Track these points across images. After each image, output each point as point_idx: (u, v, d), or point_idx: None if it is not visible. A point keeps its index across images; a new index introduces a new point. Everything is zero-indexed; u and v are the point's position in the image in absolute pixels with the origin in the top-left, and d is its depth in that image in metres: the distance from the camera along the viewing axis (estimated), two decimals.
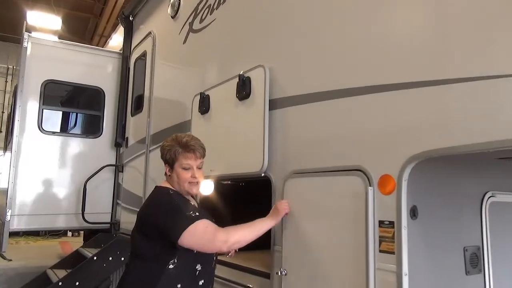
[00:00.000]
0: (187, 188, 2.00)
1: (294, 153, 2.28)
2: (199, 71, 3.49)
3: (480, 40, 1.46)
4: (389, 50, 1.80)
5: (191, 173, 1.98)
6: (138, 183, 4.45)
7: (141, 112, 4.63)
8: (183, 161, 1.98)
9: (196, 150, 2.00)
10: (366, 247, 1.73)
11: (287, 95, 2.35)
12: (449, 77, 1.53)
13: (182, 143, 2.00)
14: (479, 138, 1.44)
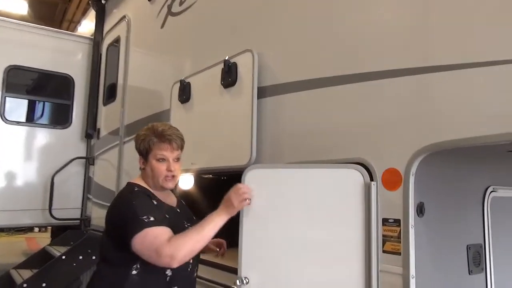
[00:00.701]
0: (161, 182, 1.77)
1: (286, 145, 2.11)
2: (178, 57, 3.26)
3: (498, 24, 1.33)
4: (393, 32, 1.65)
5: (166, 166, 1.76)
6: (110, 177, 4.18)
7: (114, 102, 4.34)
8: (158, 152, 1.75)
9: (173, 140, 1.78)
10: (368, 247, 1.58)
11: (279, 82, 2.17)
12: (465, 61, 1.39)
13: (157, 132, 1.78)
14: (491, 130, 1.32)
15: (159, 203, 1.76)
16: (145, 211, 1.64)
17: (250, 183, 1.85)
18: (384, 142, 1.62)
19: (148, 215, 1.61)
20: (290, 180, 1.83)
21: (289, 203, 1.79)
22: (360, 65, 1.75)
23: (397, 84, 1.60)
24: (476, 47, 1.39)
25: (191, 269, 1.80)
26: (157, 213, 1.66)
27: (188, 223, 1.79)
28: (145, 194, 1.75)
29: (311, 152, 1.94)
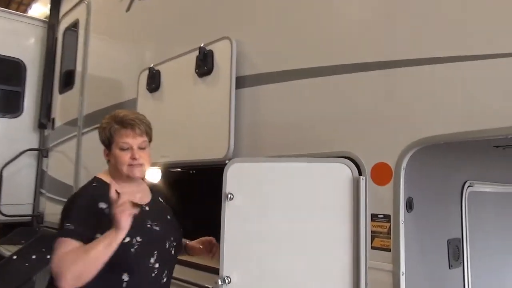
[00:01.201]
0: (126, 171, 1.59)
1: (266, 138, 2.02)
2: (146, 43, 3.06)
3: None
4: (383, 23, 1.61)
5: (130, 154, 1.59)
6: (67, 170, 3.90)
7: (71, 90, 4.06)
8: (120, 140, 1.59)
9: (136, 125, 1.61)
10: (357, 244, 1.53)
11: (259, 72, 2.08)
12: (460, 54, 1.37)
13: (118, 118, 1.62)
14: (481, 125, 1.31)
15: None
16: (75, 217, 1.48)
17: (232, 176, 1.75)
18: (373, 135, 1.58)
19: (73, 222, 1.46)
20: (275, 175, 1.75)
21: (274, 199, 1.71)
22: (347, 55, 1.69)
23: (386, 76, 1.55)
24: (470, 40, 1.37)
25: (158, 274, 1.57)
26: (89, 221, 1.47)
27: (154, 223, 1.60)
28: (99, 193, 1.53)
29: (294, 145, 1.87)
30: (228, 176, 1.75)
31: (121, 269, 1.49)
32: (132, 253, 1.49)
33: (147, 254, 1.54)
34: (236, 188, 1.72)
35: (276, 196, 1.71)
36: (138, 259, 1.51)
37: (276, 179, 1.74)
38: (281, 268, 1.65)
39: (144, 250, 1.52)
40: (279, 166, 1.76)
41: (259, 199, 1.73)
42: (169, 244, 1.63)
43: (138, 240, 1.50)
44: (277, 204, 1.70)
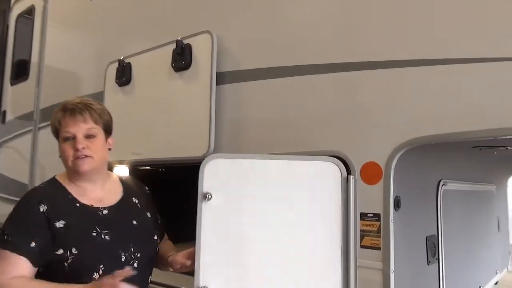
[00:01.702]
0: (72, 165, 1.36)
1: (249, 135, 1.97)
2: (114, 34, 2.90)
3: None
4: (379, 23, 1.62)
5: (72, 144, 1.36)
6: (21, 167, 3.64)
7: (26, 81, 3.77)
8: (62, 129, 1.37)
9: (77, 111, 1.37)
10: (346, 243, 1.53)
11: (241, 68, 2.03)
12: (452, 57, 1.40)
13: (62, 105, 1.41)
14: (471, 126, 1.36)
15: (69, 204, 1.36)
16: (16, 225, 1.29)
17: (210, 174, 1.56)
18: (363, 135, 1.59)
19: (14, 232, 1.28)
20: (259, 173, 1.63)
21: (257, 199, 1.59)
22: (335, 54, 1.69)
23: (377, 76, 1.57)
24: (465, 43, 1.41)
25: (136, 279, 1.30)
26: (26, 228, 1.29)
27: (104, 230, 1.35)
28: (43, 194, 1.35)
29: (280, 144, 1.84)
30: (206, 174, 1.55)
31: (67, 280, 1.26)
32: (66, 267, 1.27)
33: (87, 268, 1.30)
34: (215, 187, 1.54)
35: (260, 196, 1.59)
36: (73, 274, 1.27)
37: (259, 177, 1.62)
38: (266, 273, 1.55)
39: (82, 264, 1.29)
40: (263, 163, 1.64)
41: (240, 199, 1.58)
42: (126, 257, 1.37)
43: (73, 252, 1.28)
44: (261, 204, 1.59)
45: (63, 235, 1.29)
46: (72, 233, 1.31)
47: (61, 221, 1.31)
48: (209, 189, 1.53)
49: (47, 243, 1.28)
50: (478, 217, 2.71)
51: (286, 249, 1.56)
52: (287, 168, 1.65)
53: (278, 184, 1.63)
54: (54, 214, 1.31)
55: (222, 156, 1.64)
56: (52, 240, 1.28)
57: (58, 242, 1.29)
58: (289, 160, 1.67)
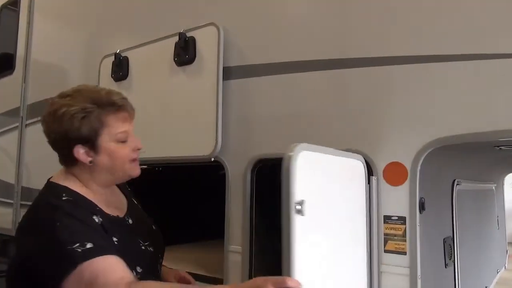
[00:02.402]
0: (129, 171, 1.20)
1: (259, 133, 1.87)
2: (108, 26, 2.76)
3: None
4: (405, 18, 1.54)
5: (132, 145, 1.19)
6: (6, 166, 3.45)
7: (10, 75, 3.58)
8: (116, 129, 1.16)
9: (128, 106, 1.20)
10: (370, 247, 1.46)
11: (250, 63, 1.92)
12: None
13: (101, 99, 1.15)
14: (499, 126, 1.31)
15: (102, 217, 1.15)
16: (76, 235, 1.03)
17: (301, 169, 1.13)
18: (387, 134, 1.50)
19: (82, 241, 1.01)
20: (335, 169, 1.35)
21: (338, 201, 1.34)
22: (359, 49, 1.61)
23: (402, 71, 1.49)
24: (494, 37, 1.34)
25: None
26: (97, 235, 1.07)
27: (146, 242, 1.24)
28: (79, 205, 1.12)
29: (292, 141, 1.74)
30: (297, 173, 1.08)
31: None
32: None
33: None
34: (306, 189, 1.11)
35: (340, 199, 1.34)
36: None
37: (337, 174, 1.35)
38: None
39: (145, 279, 1.15)
40: (336, 159, 1.35)
41: (327, 202, 1.26)
42: (159, 266, 1.30)
43: (138, 271, 1.14)
44: (342, 208, 1.35)
45: (123, 253, 1.08)
46: (129, 250, 1.14)
47: (113, 237, 1.13)
48: (302, 194, 1.09)
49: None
50: (483, 216, 2.68)
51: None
52: (344, 163, 1.43)
53: (343, 182, 1.40)
54: (107, 228, 1.12)
55: (311, 149, 1.21)
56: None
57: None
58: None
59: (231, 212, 1.89)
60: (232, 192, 1.90)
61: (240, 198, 1.87)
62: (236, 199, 1.89)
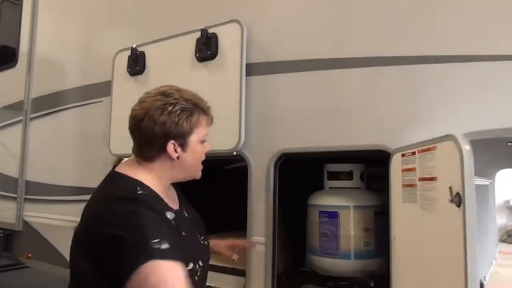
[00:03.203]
0: (197, 171, 1.28)
1: (280, 130, 1.93)
2: (123, 20, 2.77)
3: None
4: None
5: (208, 147, 1.29)
6: (8, 159, 3.42)
7: (13, 68, 3.54)
8: (204, 130, 1.26)
9: (211, 113, 1.31)
10: None
11: (272, 60, 1.99)
12: None
13: (195, 101, 1.24)
14: None
15: (171, 213, 1.16)
16: (157, 230, 1.02)
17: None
18: (411, 130, 1.58)
19: (160, 238, 1.00)
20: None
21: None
22: (385, 47, 1.69)
23: (431, 70, 1.57)
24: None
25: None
26: (171, 235, 1.06)
27: (201, 236, 1.28)
28: (154, 202, 1.13)
29: (316, 137, 1.82)
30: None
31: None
32: (196, 281, 1.14)
33: (205, 278, 1.25)
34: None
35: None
36: (196, 285, 1.13)
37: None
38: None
39: (204, 274, 1.22)
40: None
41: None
42: (209, 258, 1.35)
43: (200, 264, 1.18)
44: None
45: (189, 248, 1.15)
46: (193, 245, 1.20)
47: (183, 232, 1.16)
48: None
49: (180, 255, 1.04)
50: (481, 211, 2.81)
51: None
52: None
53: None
54: (178, 223, 1.15)
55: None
56: (183, 252, 1.07)
57: (187, 254, 1.11)
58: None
59: (253, 204, 1.95)
60: (254, 184, 1.96)
61: (262, 190, 1.93)
62: (258, 191, 1.95)
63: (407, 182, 1.38)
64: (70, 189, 2.90)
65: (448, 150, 1.13)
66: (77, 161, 2.91)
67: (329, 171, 1.94)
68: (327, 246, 1.78)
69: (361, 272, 1.73)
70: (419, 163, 1.30)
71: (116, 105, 2.55)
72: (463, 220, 1.04)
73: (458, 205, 1.05)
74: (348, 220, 1.77)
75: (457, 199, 1.05)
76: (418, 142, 1.35)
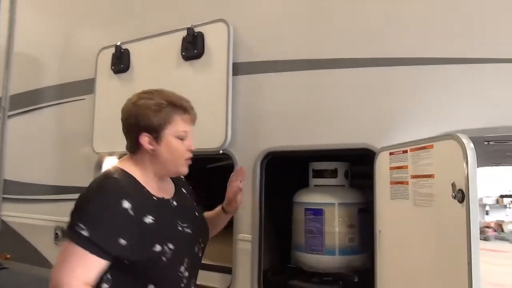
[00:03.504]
0: (180, 167, 1.38)
1: (266, 129, 1.96)
2: (107, 17, 2.74)
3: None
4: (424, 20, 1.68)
5: (187, 144, 1.37)
6: None
7: None
8: (180, 127, 1.35)
9: (193, 113, 1.41)
10: None
11: (259, 59, 2.01)
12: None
13: (172, 100, 1.35)
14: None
15: (148, 198, 1.31)
16: (92, 220, 1.18)
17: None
18: (394, 129, 1.64)
19: (87, 226, 1.16)
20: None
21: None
22: (369, 49, 1.74)
23: (410, 72, 1.63)
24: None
25: (186, 284, 1.35)
26: (110, 227, 1.20)
27: (184, 224, 1.37)
28: (123, 187, 1.27)
29: (300, 136, 1.85)
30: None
31: (148, 281, 1.26)
32: (163, 263, 1.26)
33: (178, 263, 1.32)
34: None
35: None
36: (168, 269, 1.29)
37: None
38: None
39: (176, 258, 1.30)
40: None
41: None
42: (198, 248, 1.42)
43: (171, 247, 1.27)
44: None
45: (156, 231, 1.25)
46: (164, 229, 1.28)
47: (149, 216, 1.25)
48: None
49: (139, 240, 1.21)
50: None
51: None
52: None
53: None
54: (139, 210, 1.24)
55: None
56: (144, 237, 1.22)
57: (152, 238, 1.23)
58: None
59: None
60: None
61: (248, 189, 1.95)
62: (244, 190, 1.95)
63: (396, 180, 1.44)
64: (50, 188, 2.85)
65: (448, 149, 1.17)
66: (57, 159, 2.87)
67: (314, 169, 1.98)
68: (312, 242, 1.81)
69: (345, 267, 1.78)
70: (413, 161, 1.35)
71: (100, 103, 2.52)
72: (467, 216, 1.08)
73: (461, 201, 1.10)
74: (333, 217, 1.81)
75: (460, 195, 1.11)
76: (410, 141, 1.40)
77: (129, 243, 1.19)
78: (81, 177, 2.41)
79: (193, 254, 1.39)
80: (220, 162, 2.40)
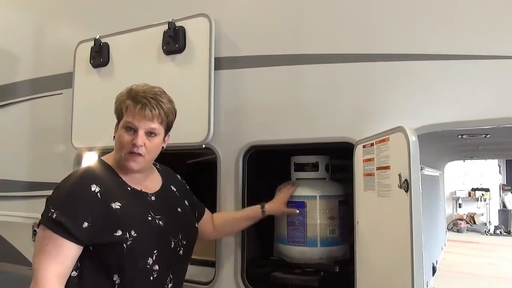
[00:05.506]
0: (123, 158, 1.38)
1: (248, 123, 1.98)
2: (85, 9, 2.69)
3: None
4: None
5: (131, 136, 1.37)
6: None
7: None
8: (127, 119, 1.38)
9: (149, 108, 1.38)
10: None
11: (241, 54, 2.02)
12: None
13: (132, 93, 1.41)
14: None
15: (121, 186, 1.38)
16: (67, 206, 1.27)
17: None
18: (373, 121, 1.68)
19: (59, 211, 1.25)
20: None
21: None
22: (345, 45, 1.77)
23: (385, 67, 1.68)
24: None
25: (158, 278, 1.35)
26: (85, 212, 1.26)
27: (157, 216, 1.39)
28: (93, 173, 1.36)
29: (281, 130, 1.88)
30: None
31: (111, 269, 1.29)
32: (124, 249, 1.28)
33: (143, 253, 1.33)
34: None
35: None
36: (130, 257, 1.29)
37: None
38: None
39: (139, 247, 1.31)
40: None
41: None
42: (175, 243, 1.42)
43: (133, 234, 1.30)
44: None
45: (121, 217, 1.30)
46: (129, 215, 1.31)
47: (116, 202, 1.30)
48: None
49: (103, 224, 1.26)
50: (434, 199, 3.02)
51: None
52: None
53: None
54: (107, 195, 1.29)
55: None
56: (108, 221, 1.27)
57: (116, 223, 1.29)
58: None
59: (223, 196, 1.99)
60: (223, 177, 2.00)
61: (231, 183, 1.97)
62: (227, 184, 1.99)
63: (367, 172, 1.48)
64: (25, 184, 2.79)
65: (398, 141, 1.22)
66: (33, 155, 2.81)
67: (295, 162, 2.01)
68: (294, 234, 1.85)
69: (327, 258, 1.82)
70: (377, 153, 1.40)
71: (79, 98, 2.48)
72: (410, 204, 1.14)
73: (406, 190, 1.16)
74: (315, 209, 1.85)
75: (405, 185, 1.17)
76: (375, 134, 1.45)
77: (92, 225, 1.25)
78: (59, 173, 2.36)
79: (167, 248, 1.39)
80: (201, 157, 2.41)
